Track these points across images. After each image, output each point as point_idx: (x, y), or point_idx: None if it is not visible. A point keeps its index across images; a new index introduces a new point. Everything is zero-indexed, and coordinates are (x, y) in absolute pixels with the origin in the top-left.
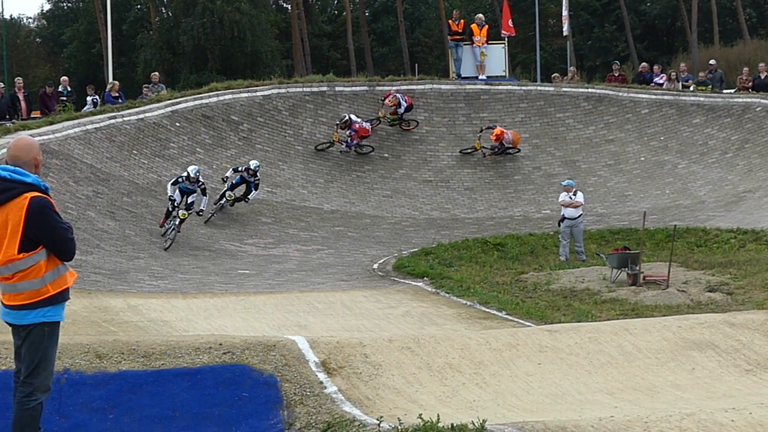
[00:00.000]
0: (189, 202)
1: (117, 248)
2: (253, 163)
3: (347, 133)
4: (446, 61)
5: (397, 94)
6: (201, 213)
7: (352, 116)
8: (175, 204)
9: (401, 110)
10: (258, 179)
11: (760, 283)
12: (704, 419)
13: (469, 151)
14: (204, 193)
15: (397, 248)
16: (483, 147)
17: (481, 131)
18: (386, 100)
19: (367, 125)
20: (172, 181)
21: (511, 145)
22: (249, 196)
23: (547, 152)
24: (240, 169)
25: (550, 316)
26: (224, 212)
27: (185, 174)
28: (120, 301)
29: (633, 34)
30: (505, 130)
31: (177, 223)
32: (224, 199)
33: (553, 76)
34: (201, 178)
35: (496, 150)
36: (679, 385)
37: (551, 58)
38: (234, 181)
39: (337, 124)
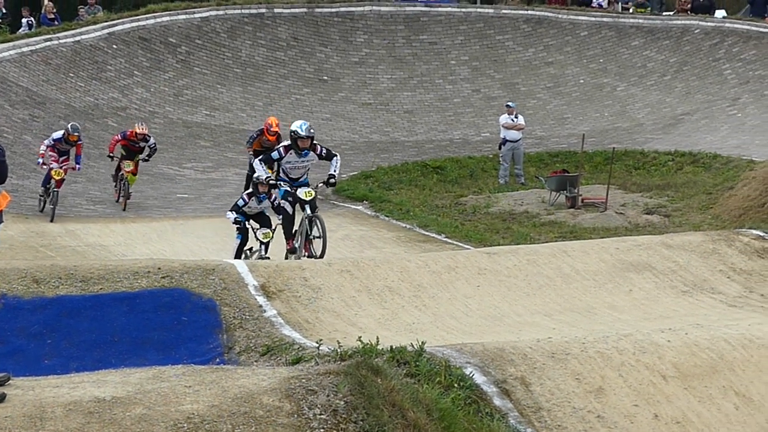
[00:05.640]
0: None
1: None
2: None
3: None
4: None
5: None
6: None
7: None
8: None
9: (151, 138)
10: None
11: (696, 205)
12: (641, 340)
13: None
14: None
15: None
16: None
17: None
18: (136, 139)
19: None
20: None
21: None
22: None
23: (487, 75)
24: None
25: (488, 239)
26: (163, 139)
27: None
28: (57, 226)
29: None
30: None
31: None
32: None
33: None
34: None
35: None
36: (617, 307)
37: None
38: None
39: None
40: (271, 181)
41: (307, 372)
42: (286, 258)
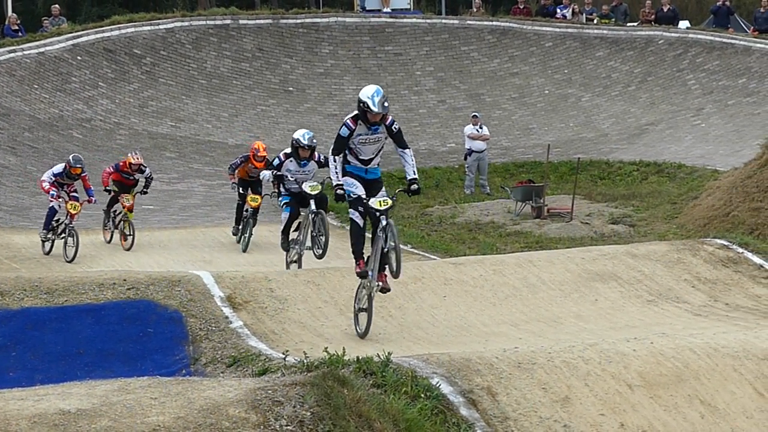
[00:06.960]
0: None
1: (18, 184)
2: (304, 135)
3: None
4: None
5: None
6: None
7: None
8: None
9: (147, 169)
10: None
11: (661, 215)
12: (606, 349)
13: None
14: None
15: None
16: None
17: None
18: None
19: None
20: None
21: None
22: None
23: (452, 85)
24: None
25: (455, 249)
26: (128, 151)
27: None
28: (22, 238)
29: None
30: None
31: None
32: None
33: None
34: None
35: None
36: (582, 316)
37: None
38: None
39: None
40: (339, 191)
41: (273, 383)
42: (361, 282)
